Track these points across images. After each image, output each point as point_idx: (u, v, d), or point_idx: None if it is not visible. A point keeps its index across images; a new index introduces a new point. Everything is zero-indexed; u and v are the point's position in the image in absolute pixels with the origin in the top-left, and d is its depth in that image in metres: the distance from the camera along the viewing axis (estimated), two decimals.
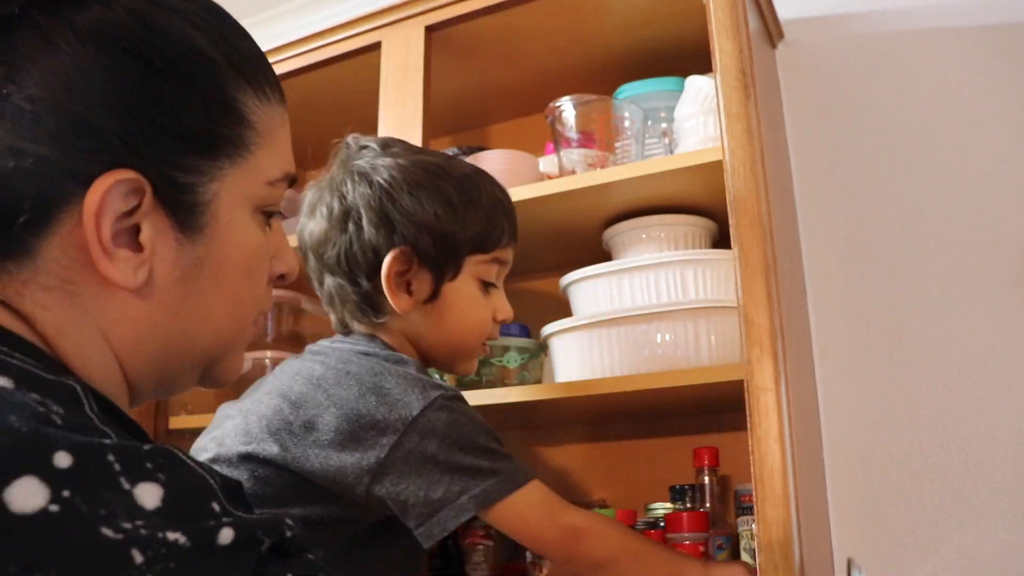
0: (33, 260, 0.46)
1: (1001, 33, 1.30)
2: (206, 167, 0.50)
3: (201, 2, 0.52)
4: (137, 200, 0.47)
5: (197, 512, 0.40)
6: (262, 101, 0.54)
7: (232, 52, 0.52)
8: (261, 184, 0.54)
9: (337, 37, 1.37)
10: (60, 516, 0.36)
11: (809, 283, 1.34)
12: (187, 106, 0.49)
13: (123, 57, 0.47)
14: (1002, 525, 1.16)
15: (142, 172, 0.47)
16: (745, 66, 1.02)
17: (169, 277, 0.50)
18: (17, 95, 0.45)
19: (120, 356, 0.50)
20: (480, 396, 1.15)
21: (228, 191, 0.52)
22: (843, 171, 1.36)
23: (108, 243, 0.46)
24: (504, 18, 1.27)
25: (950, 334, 1.24)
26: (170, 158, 0.49)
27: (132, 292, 0.48)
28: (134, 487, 0.38)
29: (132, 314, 0.49)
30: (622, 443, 1.39)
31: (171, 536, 0.37)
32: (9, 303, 0.46)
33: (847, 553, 1.18)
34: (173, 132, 0.49)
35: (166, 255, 0.49)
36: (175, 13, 0.50)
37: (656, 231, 1.19)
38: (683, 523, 0.97)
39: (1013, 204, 1.24)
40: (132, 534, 0.36)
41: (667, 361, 1.06)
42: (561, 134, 1.21)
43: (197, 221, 0.50)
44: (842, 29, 1.41)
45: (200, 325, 0.53)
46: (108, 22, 0.47)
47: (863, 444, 1.26)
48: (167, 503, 0.39)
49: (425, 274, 0.92)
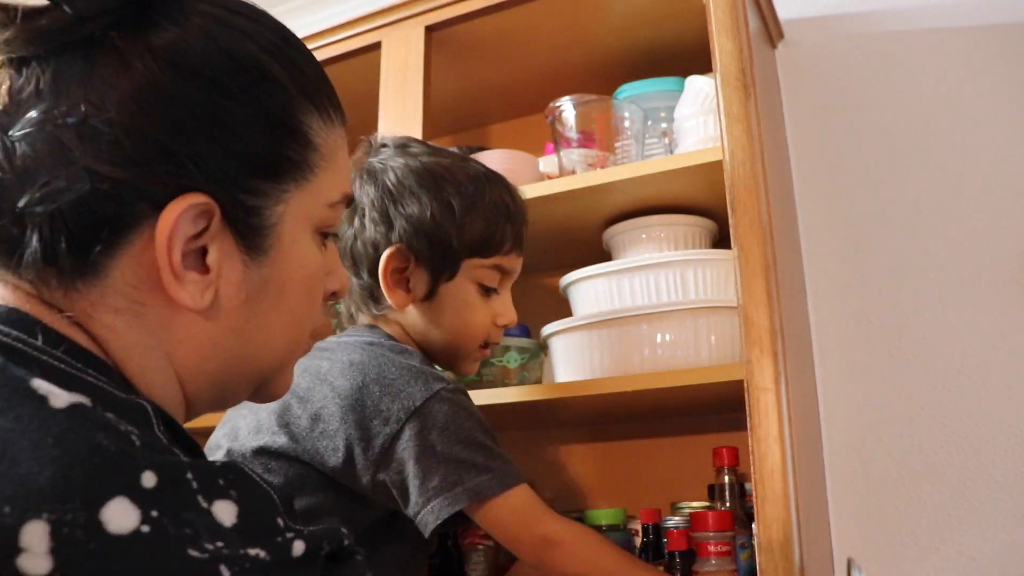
0: (103, 280, 0.47)
1: (1001, 33, 1.30)
2: (273, 190, 0.50)
3: (271, 25, 0.52)
4: (205, 223, 0.48)
5: (269, 528, 0.41)
6: (326, 124, 0.54)
7: (300, 76, 0.52)
8: (323, 206, 0.54)
9: (337, 37, 1.37)
10: (151, 538, 0.37)
11: (809, 283, 1.34)
12: (258, 130, 0.49)
13: (198, 80, 0.47)
14: (1002, 525, 1.16)
15: (212, 195, 0.47)
16: (745, 66, 1.01)
17: (234, 299, 0.50)
18: (95, 117, 0.45)
19: (181, 375, 0.50)
20: (480, 396, 1.15)
21: (292, 213, 0.52)
22: (843, 171, 1.36)
23: (178, 266, 0.47)
24: (504, 18, 1.27)
25: (950, 334, 1.24)
26: (239, 181, 0.49)
27: (198, 313, 0.49)
28: (211, 505, 0.40)
29: (196, 335, 0.50)
30: (622, 443, 1.39)
31: (252, 552, 0.39)
32: (82, 322, 0.47)
33: (847, 553, 1.18)
34: (244, 156, 0.49)
35: (232, 277, 0.50)
36: (247, 37, 0.50)
37: (656, 231, 1.19)
38: (709, 522, 0.97)
39: (1013, 204, 1.24)
40: (216, 553, 0.38)
41: (667, 361, 1.06)
42: (561, 134, 1.21)
43: (263, 243, 0.51)
44: (842, 29, 1.41)
45: (260, 344, 0.53)
46: (183, 44, 0.47)
47: (863, 444, 1.26)
48: (242, 519, 0.40)
49: (423, 273, 0.94)
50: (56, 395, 0.41)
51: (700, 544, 0.97)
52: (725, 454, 1.08)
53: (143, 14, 0.47)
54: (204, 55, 0.48)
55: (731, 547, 0.97)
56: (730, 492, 1.07)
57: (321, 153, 0.53)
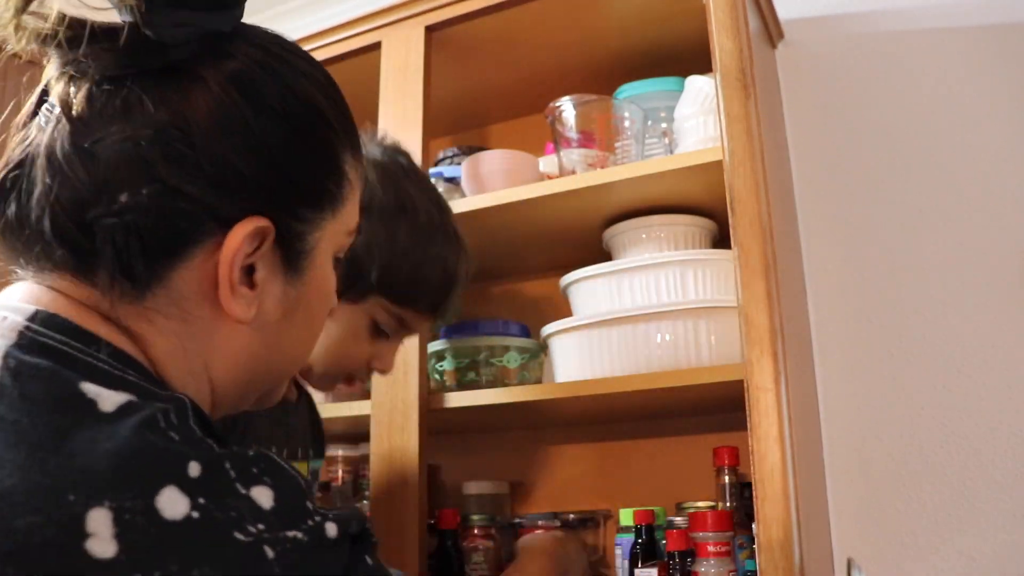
0: (163, 288, 0.50)
1: (1001, 33, 1.30)
2: (315, 218, 0.55)
3: (322, 69, 0.57)
4: (259, 242, 0.52)
5: (302, 511, 0.45)
6: (355, 159, 0.59)
7: (341, 116, 0.57)
8: (344, 234, 0.59)
9: (337, 37, 1.37)
10: (201, 522, 0.41)
11: (809, 283, 1.34)
12: (312, 163, 0.54)
13: (270, 113, 0.52)
14: (1002, 525, 1.16)
15: (271, 218, 0.52)
16: (745, 66, 1.02)
17: (273, 314, 0.55)
18: (180, 140, 0.49)
19: (214, 380, 0.54)
20: (480, 396, 1.15)
21: (325, 240, 0.57)
22: (843, 171, 1.36)
23: (236, 281, 0.51)
24: (504, 18, 1.27)
25: (950, 334, 1.24)
26: (292, 208, 0.53)
27: (243, 324, 0.53)
28: (249, 491, 0.44)
29: (236, 345, 0.54)
30: (622, 443, 1.40)
31: (290, 534, 0.43)
32: (126, 325, 0.50)
33: (847, 553, 1.18)
34: (298, 184, 0.53)
35: (274, 294, 0.54)
36: (305, 77, 0.55)
37: (656, 231, 1.19)
38: (708, 522, 0.97)
39: (1013, 204, 1.24)
40: (259, 536, 0.42)
41: (667, 361, 1.06)
42: (561, 134, 1.21)
43: (301, 265, 0.55)
44: (842, 29, 1.41)
45: (286, 356, 0.58)
46: (258, 78, 0.52)
47: (863, 444, 1.26)
48: (278, 503, 0.44)
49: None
50: (105, 396, 0.44)
51: (699, 544, 0.97)
52: (725, 454, 1.08)
53: (220, 46, 0.52)
54: (275, 91, 0.52)
55: (730, 547, 0.97)
56: (730, 492, 1.07)
57: (351, 186, 0.58)
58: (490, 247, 1.39)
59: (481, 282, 1.56)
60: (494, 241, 1.36)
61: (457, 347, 1.24)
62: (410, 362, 1.17)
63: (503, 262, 1.48)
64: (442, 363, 1.24)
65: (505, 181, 1.26)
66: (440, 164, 1.43)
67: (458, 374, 1.23)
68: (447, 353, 1.24)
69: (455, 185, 1.37)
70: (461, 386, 1.22)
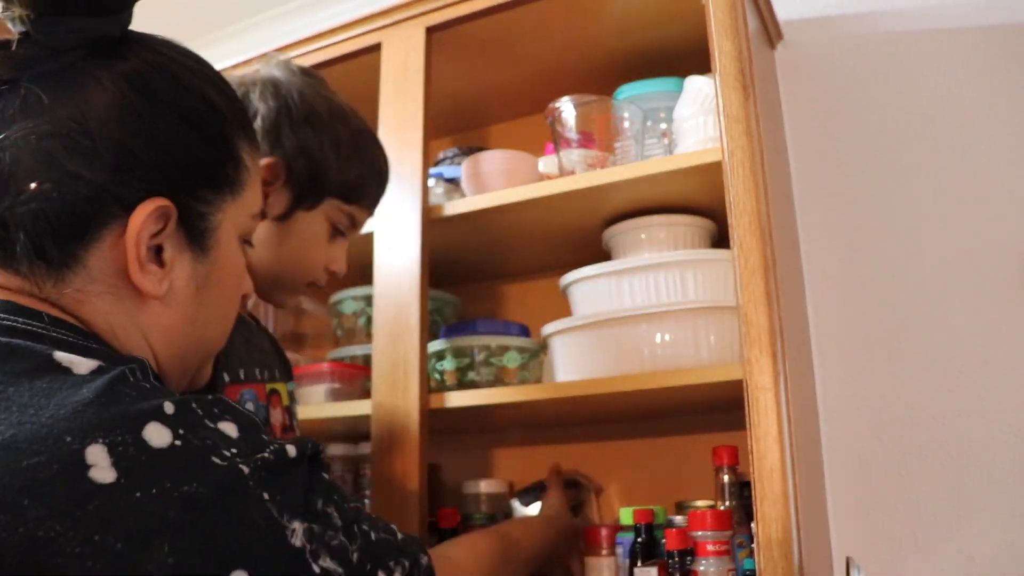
0: (82, 268, 0.56)
1: (1001, 34, 1.30)
2: (216, 199, 0.62)
3: (210, 67, 0.64)
4: (163, 223, 0.58)
5: (261, 440, 0.53)
6: (252, 149, 0.66)
7: (235, 109, 0.64)
8: (247, 217, 0.66)
9: (338, 38, 1.37)
10: (184, 448, 0.48)
11: (808, 283, 1.34)
12: (206, 149, 0.61)
13: (161, 104, 0.58)
14: (1001, 525, 1.16)
15: (172, 200, 0.58)
16: (744, 67, 1.02)
17: (186, 290, 0.61)
18: (79, 132, 0.54)
19: (156, 355, 0.60)
20: (480, 396, 1.16)
21: (228, 220, 0.63)
22: (842, 171, 1.36)
23: (143, 258, 0.57)
24: (504, 19, 1.27)
25: (950, 334, 1.24)
26: (192, 190, 0.60)
27: (159, 302, 0.59)
28: (217, 425, 0.51)
29: (163, 321, 0.60)
30: (622, 443, 1.40)
31: (258, 455, 0.51)
32: (63, 306, 0.56)
33: (847, 553, 1.18)
34: (195, 169, 0.60)
35: (183, 271, 0.60)
36: (193, 73, 0.61)
37: (656, 231, 1.19)
38: (707, 521, 0.97)
39: (1013, 204, 1.24)
40: (233, 458, 0.50)
41: (667, 361, 1.06)
42: (561, 134, 1.22)
43: (207, 243, 0.61)
44: (841, 30, 1.41)
45: (209, 331, 0.64)
46: (148, 74, 0.58)
47: (863, 444, 1.26)
48: (242, 434, 0.52)
49: (285, 194, 0.95)
50: (78, 363, 0.51)
51: (698, 543, 0.97)
52: (724, 453, 1.08)
53: (111, 49, 0.58)
54: (166, 86, 0.59)
55: (729, 546, 0.98)
56: (729, 491, 1.07)
57: (250, 173, 0.65)
58: (490, 247, 1.39)
59: (481, 282, 1.56)
60: (494, 241, 1.36)
61: (457, 347, 1.24)
62: (410, 362, 1.17)
63: (503, 262, 1.48)
64: (442, 363, 1.24)
65: (505, 181, 1.26)
66: (440, 164, 1.43)
67: (458, 374, 1.23)
68: (447, 353, 1.24)
69: (455, 185, 1.37)
70: (461, 386, 1.22)
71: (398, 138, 1.27)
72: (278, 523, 0.50)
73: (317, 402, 1.31)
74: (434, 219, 1.24)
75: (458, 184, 1.36)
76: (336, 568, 0.54)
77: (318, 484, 0.55)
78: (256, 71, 0.99)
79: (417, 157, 1.25)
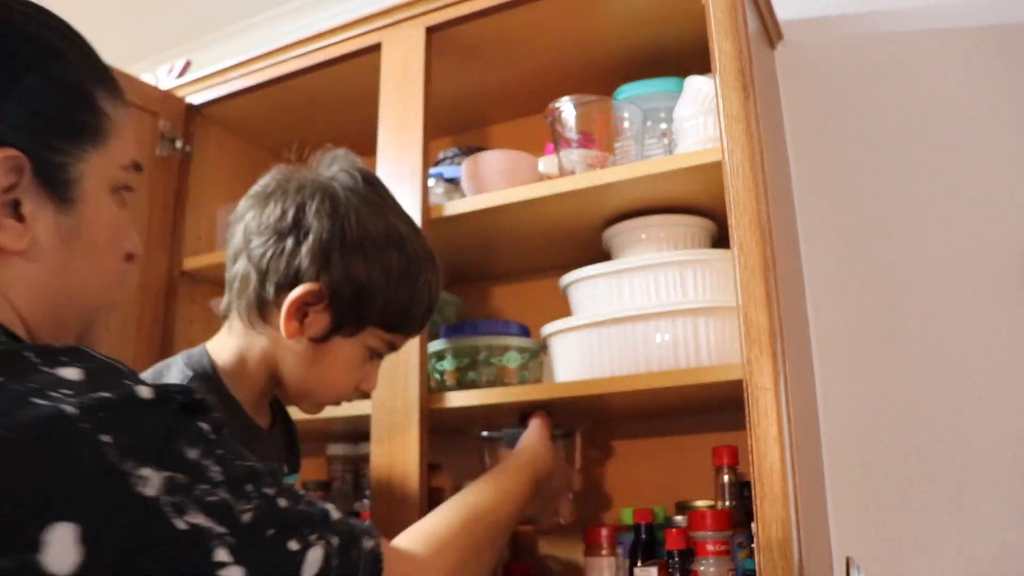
0: None
1: (1001, 34, 1.30)
2: (74, 150, 0.60)
3: (54, 16, 0.62)
4: (17, 177, 0.56)
5: (116, 380, 0.51)
6: (115, 99, 0.64)
7: (87, 56, 0.63)
8: (116, 168, 0.64)
9: (338, 38, 1.37)
10: (1, 395, 0.47)
11: (809, 283, 1.34)
12: (54, 95, 0.59)
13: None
14: (1002, 525, 1.16)
15: (23, 151, 0.56)
16: (744, 67, 1.02)
17: (51, 243, 0.59)
18: None
19: (22, 313, 0.59)
20: (480, 396, 1.16)
21: (92, 171, 0.61)
22: (842, 171, 1.36)
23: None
24: (504, 19, 1.27)
25: (950, 334, 1.24)
26: (45, 140, 0.58)
27: (23, 257, 0.58)
28: (53, 370, 0.50)
29: (27, 276, 0.58)
30: (622, 443, 1.40)
31: (98, 394, 0.49)
32: None
33: (847, 553, 1.18)
34: (45, 117, 0.58)
35: (46, 224, 0.59)
36: (32, 20, 0.59)
37: (656, 231, 1.19)
38: (707, 521, 0.97)
39: (1013, 204, 1.24)
40: (59, 398, 0.48)
41: (667, 361, 1.06)
42: (561, 134, 1.22)
43: (70, 195, 0.60)
44: (841, 30, 1.41)
45: (80, 284, 0.62)
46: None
47: (863, 444, 1.26)
48: (88, 377, 0.51)
49: (325, 318, 0.91)
50: None
51: (698, 543, 0.97)
52: (724, 453, 1.08)
53: None
54: (1, 34, 0.57)
55: (729, 546, 0.98)
56: (729, 491, 1.07)
57: (114, 123, 0.63)
58: (490, 247, 1.39)
59: (481, 282, 1.56)
60: (494, 241, 1.36)
61: (457, 347, 1.24)
62: (410, 362, 1.17)
63: (503, 262, 1.48)
64: (442, 363, 1.24)
65: (505, 181, 1.26)
66: (440, 164, 1.43)
67: (458, 374, 1.23)
68: (447, 353, 1.24)
69: (455, 185, 1.37)
70: (461, 386, 1.22)
71: (398, 138, 1.27)
72: (116, 468, 0.47)
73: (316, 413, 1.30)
74: (434, 219, 1.24)
75: (458, 184, 1.36)
76: (213, 526, 0.50)
77: (187, 431, 0.52)
78: (318, 175, 0.94)
79: (417, 157, 1.25)
